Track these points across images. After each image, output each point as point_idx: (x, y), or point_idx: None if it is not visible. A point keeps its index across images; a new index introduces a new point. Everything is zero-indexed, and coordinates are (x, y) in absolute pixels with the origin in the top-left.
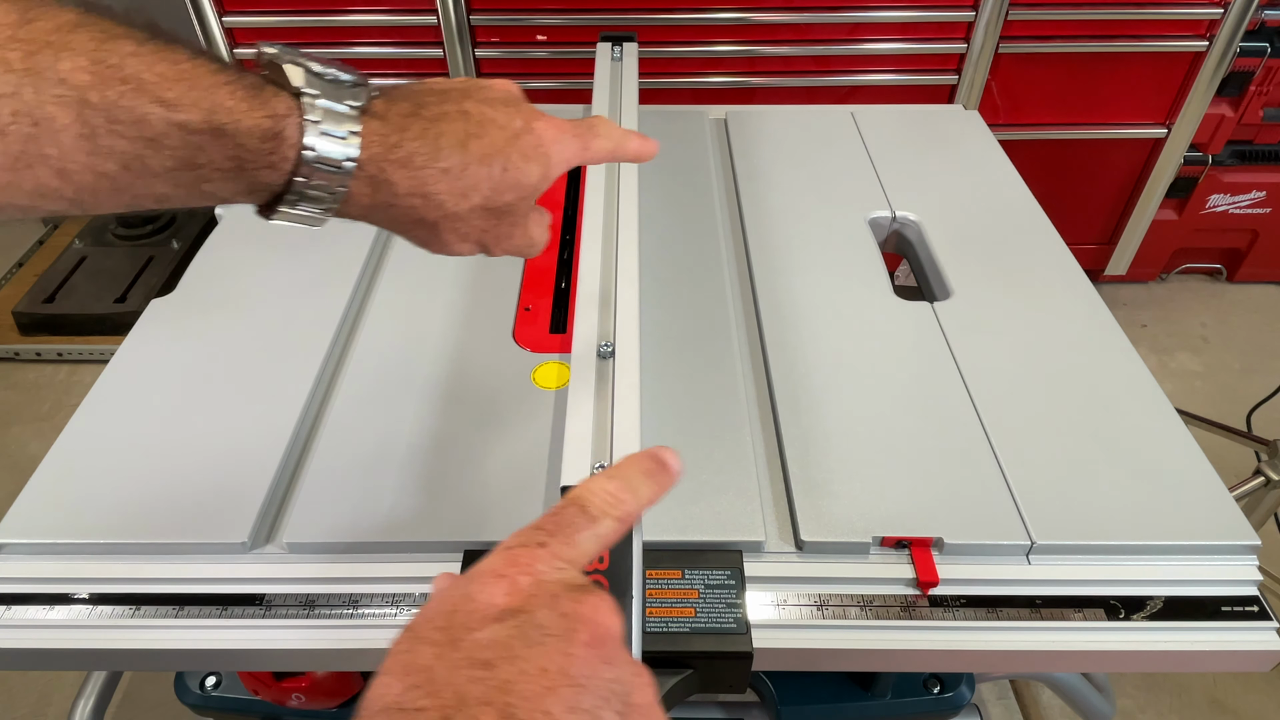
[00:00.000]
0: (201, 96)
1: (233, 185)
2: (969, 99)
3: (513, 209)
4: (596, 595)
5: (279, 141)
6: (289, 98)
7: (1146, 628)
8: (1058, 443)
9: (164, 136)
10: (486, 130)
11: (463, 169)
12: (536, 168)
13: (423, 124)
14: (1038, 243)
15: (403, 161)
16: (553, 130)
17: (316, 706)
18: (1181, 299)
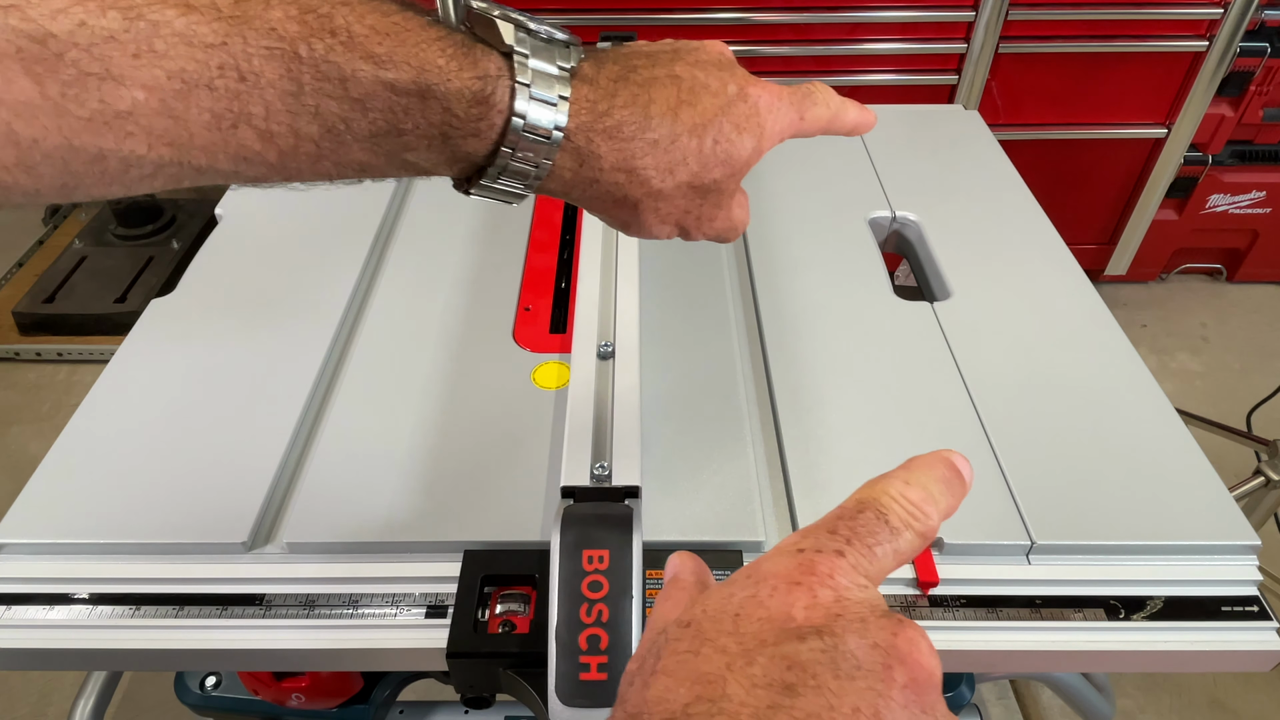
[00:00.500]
0: (412, 53)
1: (435, 154)
2: (969, 99)
3: (720, 187)
4: (912, 629)
5: (487, 107)
6: (499, 57)
7: (1146, 628)
8: (1058, 443)
9: (371, 97)
10: (699, 97)
11: (672, 140)
12: (750, 139)
13: (632, 90)
14: (1038, 243)
15: (611, 131)
16: (769, 96)
17: (316, 706)
18: (1181, 299)
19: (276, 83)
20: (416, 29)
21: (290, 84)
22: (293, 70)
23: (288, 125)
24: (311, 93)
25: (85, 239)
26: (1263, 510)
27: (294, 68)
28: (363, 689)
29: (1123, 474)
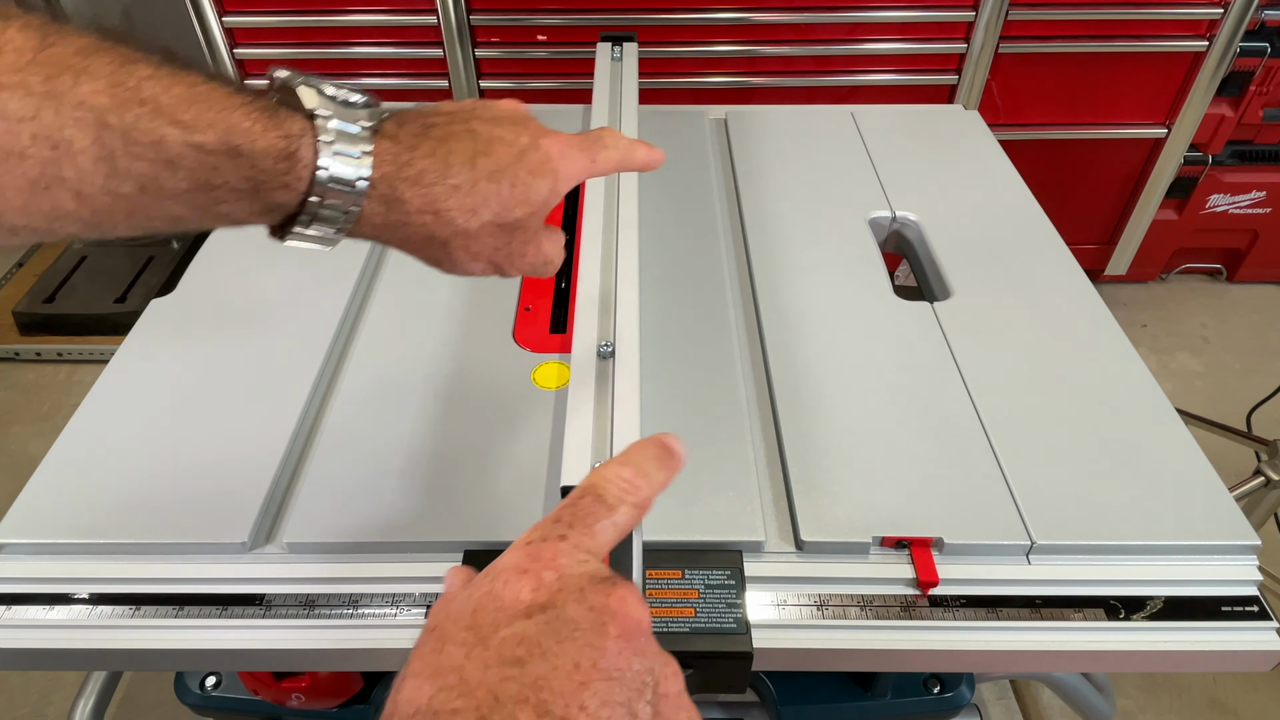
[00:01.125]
0: (217, 118)
1: (247, 206)
2: (969, 99)
3: (524, 225)
4: (624, 586)
5: (293, 161)
6: (303, 119)
7: (1146, 628)
8: (1058, 443)
9: (180, 158)
10: (494, 148)
11: (472, 185)
12: (544, 183)
13: (432, 143)
14: (1038, 243)
15: (414, 179)
16: (559, 145)
17: (316, 706)
18: (1181, 299)
19: (88, 149)
20: (221, 97)
21: (100, 149)
22: (102, 137)
23: (101, 186)
24: (123, 156)
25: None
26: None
27: (103, 135)
28: (363, 689)
29: (1123, 474)
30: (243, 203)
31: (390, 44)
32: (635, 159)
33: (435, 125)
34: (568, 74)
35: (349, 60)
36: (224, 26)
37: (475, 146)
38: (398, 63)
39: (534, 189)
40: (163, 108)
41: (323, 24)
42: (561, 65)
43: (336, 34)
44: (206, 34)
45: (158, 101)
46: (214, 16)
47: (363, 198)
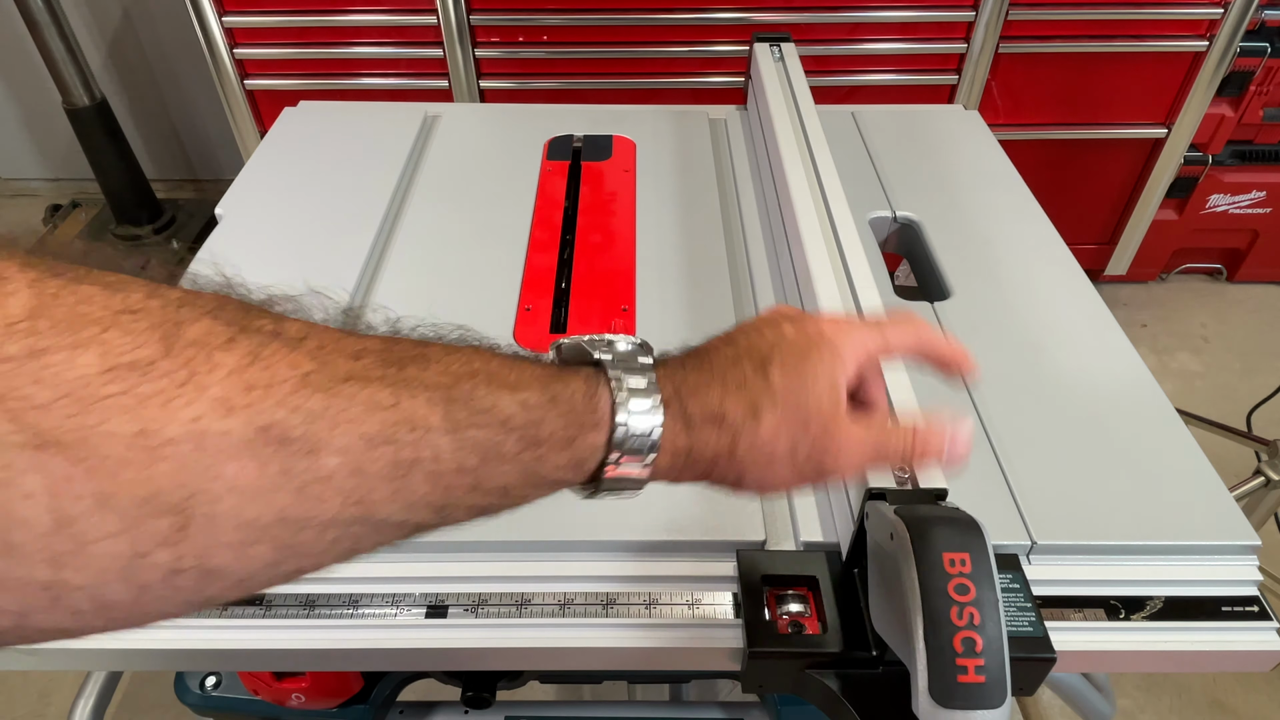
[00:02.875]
0: (532, 376)
1: (566, 457)
2: (969, 99)
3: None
4: None
5: (597, 399)
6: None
7: (1146, 628)
8: (1058, 443)
9: (513, 417)
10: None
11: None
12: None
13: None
14: (1038, 243)
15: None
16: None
17: (316, 706)
18: (1181, 299)
19: (439, 424)
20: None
21: (449, 423)
22: (449, 411)
23: (450, 461)
24: (467, 426)
25: (85, 239)
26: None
27: (450, 409)
28: (363, 689)
29: (1123, 474)
30: (562, 454)
31: (390, 44)
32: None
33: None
34: (568, 74)
35: (349, 60)
36: (224, 26)
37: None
38: (398, 63)
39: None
40: (492, 376)
41: (323, 24)
42: (562, 65)
43: (336, 34)
44: (206, 34)
45: (486, 371)
46: (214, 16)
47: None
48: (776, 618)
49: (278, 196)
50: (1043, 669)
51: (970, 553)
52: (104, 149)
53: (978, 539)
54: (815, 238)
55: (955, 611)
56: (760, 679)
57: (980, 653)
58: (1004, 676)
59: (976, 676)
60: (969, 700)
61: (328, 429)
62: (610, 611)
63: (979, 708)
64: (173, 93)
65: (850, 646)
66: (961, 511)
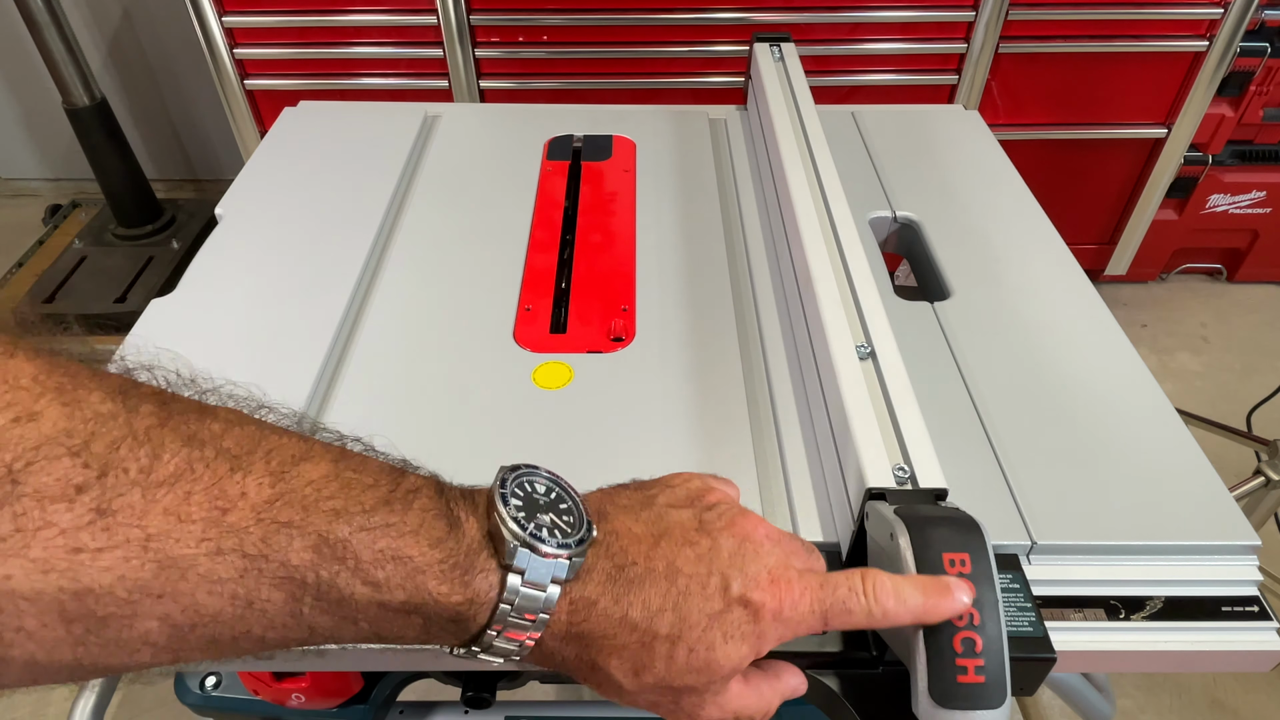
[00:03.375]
0: (409, 580)
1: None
2: (969, 99)
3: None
4: None
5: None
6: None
7: (1146, 628)
8: (1058, 443)
9: (363, 612)
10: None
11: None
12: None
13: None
14: (1038, 243)
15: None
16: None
17: (316, 706)
18: (1181, 299)
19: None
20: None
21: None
22: (296, 594)
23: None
24: (309, 611)
25: (85, 239)
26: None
27: (297, 592)
28: (363, 689)
29: (1123, 474)
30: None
31: (390, 44)
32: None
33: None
34: (569, 74)
35: (349, 60)
36: (224, 26)
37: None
38: (398, 63)
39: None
40: (360, 565)
41: (323, 24)
42: (562, 65)
43: (336, 34)
44: (206, 34)
45: (358, 560)
46: (214, 16)
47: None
48: None
49: (278, 196)
50: (1043, 669)
51: (970, 553)
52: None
53: (978, 539)
54: (815, 238)
55: None
56: None
57: (980, 653)
58: (1004, 677)
59: (976, 677)
60: (969, 700)
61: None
62: None
63: (979, 708)
64: (173, 93)
65: (850, 646)
66: (961, 512)
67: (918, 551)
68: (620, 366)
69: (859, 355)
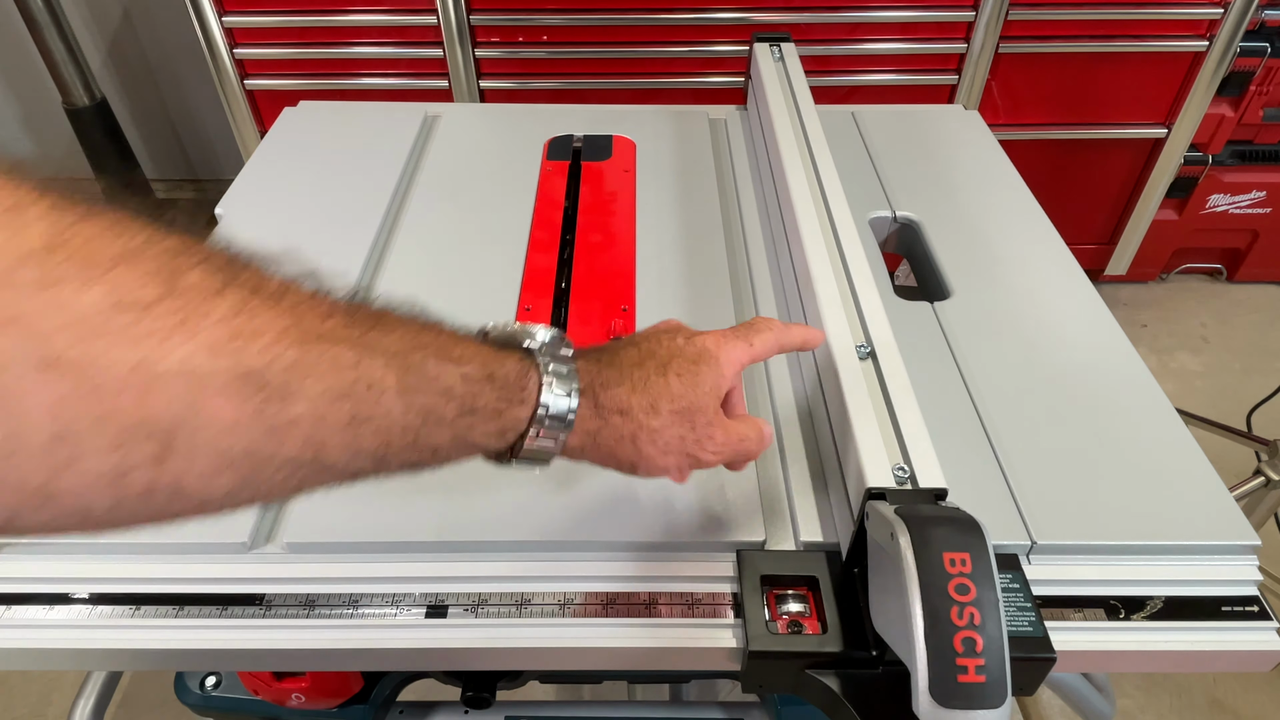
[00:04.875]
0: (475, 353)
1: (493, 427)
2: (969, 99)
3: (700, 409)
4: None
5: (527, 379)
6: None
7: (1146, 628)
8: (1058, 443)
9: (453, 388)
10: (655, 349)
11: (645, 382)
12: (708, 369)
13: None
14: (1038, 243)
15: (604, 384)
16: (713, 337)
17: (316, 706)
18: (1181, 299)
19: (392, 387)
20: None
21: (401, 386)
22: (403, 376)
23: (397, 420)
24: (415, 391)
25: None
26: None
27: (403, 375)
28: (363, 689)
29: (1123, 474)
30: (491, 424)
31: (390, 44)
32: (791, 340)
33: (606, 350)
34: (568, 74)
35: (349, 60)
36: (224, 26)
37: (639, 354)
38: (398, 63)
39: (700, 375)
40: (441, 349)
41: (323, 24)
42: (562, 65)
43: (336, 34)
44: (206, 34)
45: (436, 344)
46: (214, 16)
47: (576, 400)
48: (776, 618)
49: (278, 196)
50: (1043, 669)
51: (970, 553)
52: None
53: (978, 539)
54: (815, 238)
55: (955, 611)
56: (760, 679)
57: (981, 653)
58: (1004, 676)
59: (977, 676)
60: (970, 700)
61: (299, 379)
62: (610, 611)
63: (980, 707)
64: (173, 93)
65: (850, 646)
66: (961, 511)
67: (918, 550)
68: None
69: (859, 355)
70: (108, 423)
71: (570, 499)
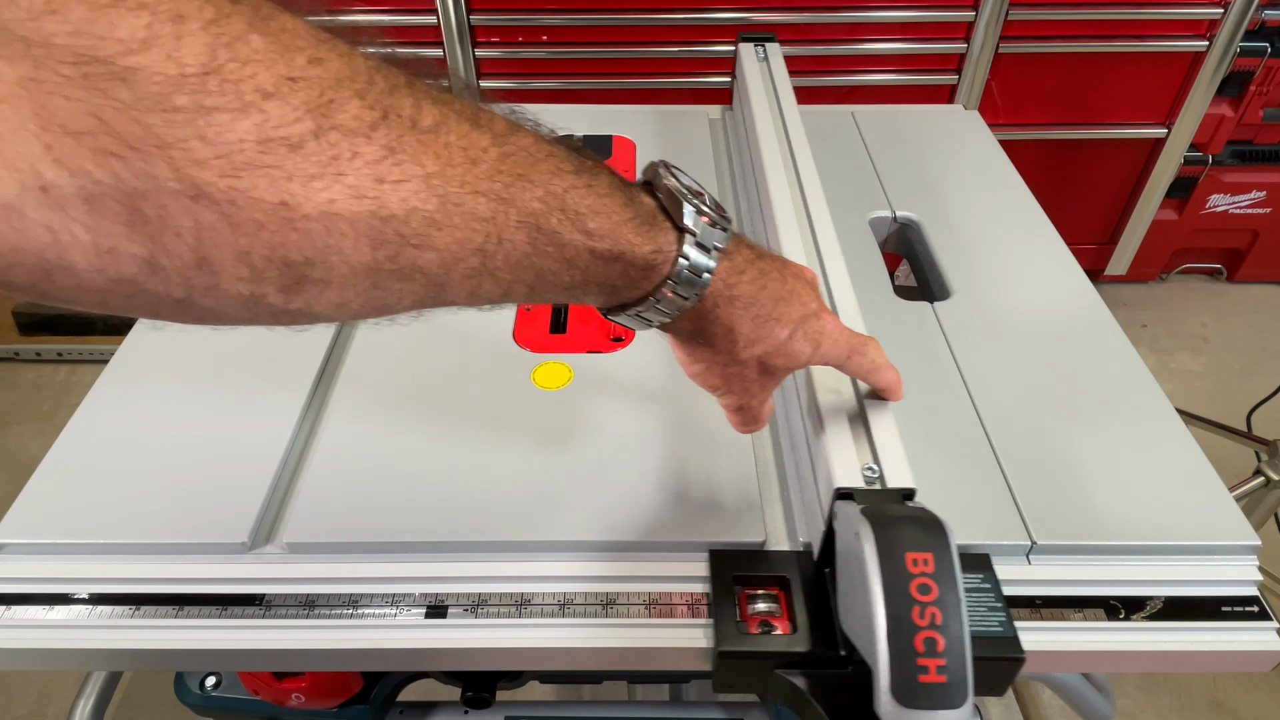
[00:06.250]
0: (613, 229)
1: (604, 298)
2: (969, 99)
3: (774, 374)
4: None
5: (654, 272)
6: (673, 232)
7: (1146, 628)
8: (1058, 443)
9: (578, 258)
10: (794, 300)
11: (764, 320)
12: (809, 349)
13: (757, 271)
14: (1038, 243)
15: (730, 299)
16: (835, 326)
17: (316, 706)
18: (1181, 299)
19: (520, 245)
20: (618, 208)
21: (528, 246)
22: (532, 237)
23: (514, 276)
24: (538, 254)
25: None
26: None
27: (533, 235)
28: (363, 689)
29: (1123, 474)
30: (602, 296)
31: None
32: (879, 379)
33: (763, 257)
34: (568, 74)
35: None
36: None
37: (782, 292)
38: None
39: (800, 349)
40: (579, 217)
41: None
42: (562, 65)
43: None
44: None
45: (576, 211)
46: None
47: (689, 305)
48: (747, 618)
49: None
50: (1012, 669)
51: (933, 552)
52: None
53: (941, 538)
54: (794, 239)
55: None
56: (729, 679)
57: (942, 652)
58: (966, 676)
59: (938, 676)
60: (930, 700)
61: (435, 230)
62: (610, 611)
63: (940, 707)
64: None
65: (819, 646)
66: (927, 511)
67: (881, 550)
68: (620, 366)
69: None
70: (248, 256)
71: (569, 499)
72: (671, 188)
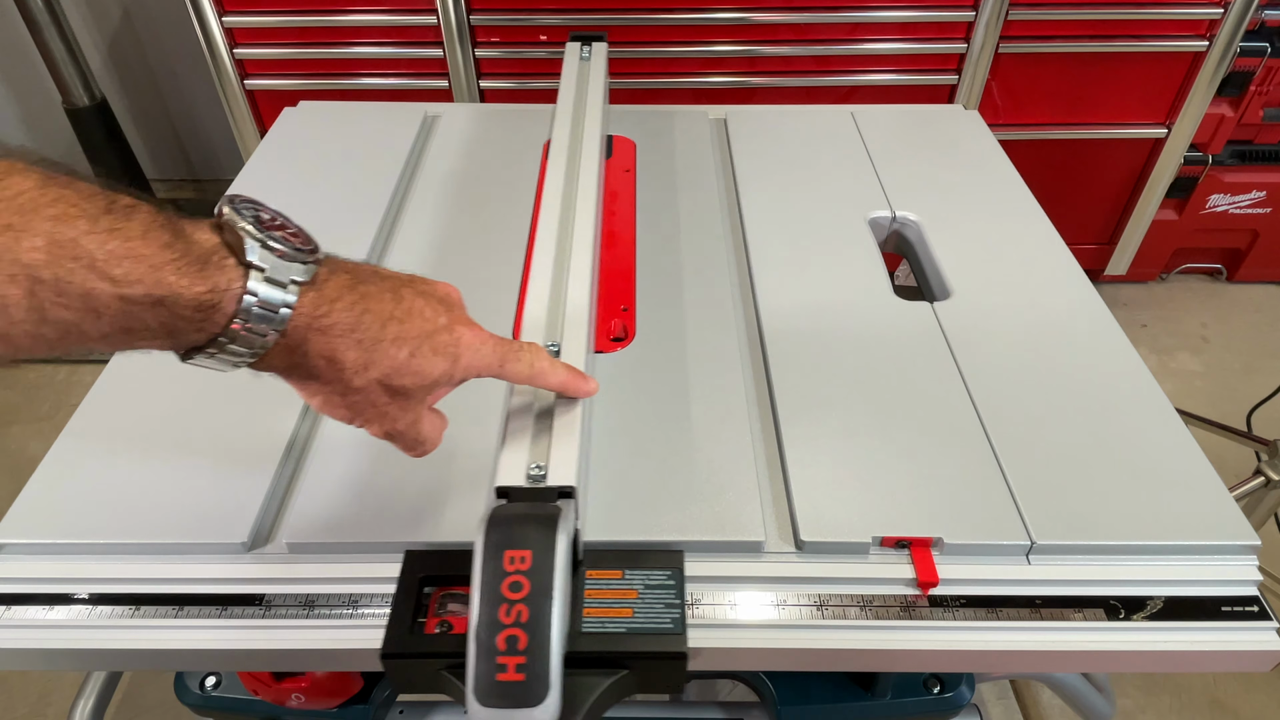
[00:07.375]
0: (147, 273)
1: (162, 344)
2: (969, 99)
3: (408, 394)
4: None
5: (213, 312)
6: (237, 270)
7: (1146, 628)
8: (1058, 443)
9: (106, 307)
10: (412, 318)
11: (374, 343)
12: (443, 363)
13: (357, 296)
14: (1038, 243)
15: (323, 330)
16: (472, 337)
17: (316, 706)
18: (1181, 299)
19: (20, 302)
20: (156, 250)
21: (32, 301)
22: (34, 290)
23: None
24: (51, 306)
25: None
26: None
27: (35, 289)
28: (363, 689)
29: (1123, 474)
30: (157, 340)
31: (390, 44)
32: (546, 383)
33: (365, 280)
34: None
35: (349, 60)
36: (224, 26)
37: (396, 311)
38: (398, 63)
39: (430, 366)
40: (96, 263)
41: (323, 24)
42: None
43: (336, 34)
44: (206, 34)
45: (92, 257)
46: (214, 16)
47: (269, 343)
48: (432, 618)
49: (278, 196)
50: (677, 667)
51: (532, 550)
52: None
53: (545, 536)
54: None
55: (504, 609)
56: (402, 678)
57: (523, 650)
58: (547, 674)
59: (516, 675)
60: (505, 699)
61: None
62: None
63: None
64: (173, 93)
65: None
66: (552, 508)
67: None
68: (620, 366)
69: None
70: None
71: None
72: (234, 224)
